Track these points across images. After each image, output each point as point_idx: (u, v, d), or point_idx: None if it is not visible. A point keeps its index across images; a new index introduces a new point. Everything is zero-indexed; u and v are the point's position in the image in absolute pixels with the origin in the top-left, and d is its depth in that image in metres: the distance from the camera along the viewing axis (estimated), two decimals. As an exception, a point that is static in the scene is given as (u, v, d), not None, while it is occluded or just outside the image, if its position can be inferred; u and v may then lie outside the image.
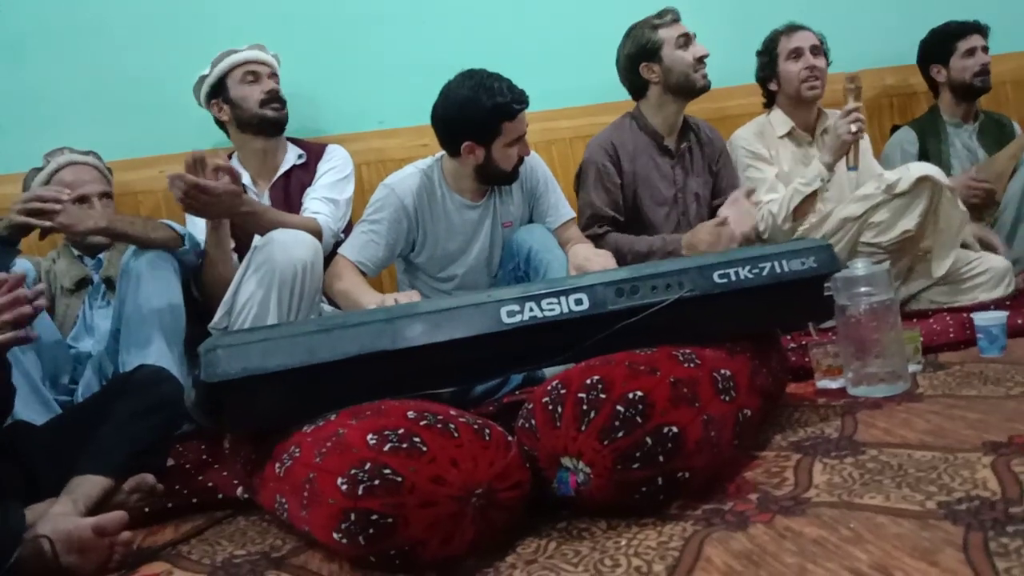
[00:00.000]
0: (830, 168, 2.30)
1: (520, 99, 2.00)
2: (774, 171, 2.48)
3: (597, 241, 2.26)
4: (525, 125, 2.05)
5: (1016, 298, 2.29)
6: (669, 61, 2.32)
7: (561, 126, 2.77)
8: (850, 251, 2.22)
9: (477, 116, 1.98)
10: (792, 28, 2.56)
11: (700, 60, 2.30)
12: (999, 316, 1.82)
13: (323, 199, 2.10)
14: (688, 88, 2.34)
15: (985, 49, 2.78)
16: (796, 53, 2.50)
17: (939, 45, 2.82)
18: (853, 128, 2.24)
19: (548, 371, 1.56)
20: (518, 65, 2.71)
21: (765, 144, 2.53)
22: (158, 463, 1.54)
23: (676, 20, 2.34)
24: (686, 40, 2.32)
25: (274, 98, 2.18)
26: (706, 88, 2.34)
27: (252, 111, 2.15)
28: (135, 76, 2.40)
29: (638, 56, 2.36)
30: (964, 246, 2.42)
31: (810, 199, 2.31)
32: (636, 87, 2.42)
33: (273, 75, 2.21)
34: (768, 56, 2.58)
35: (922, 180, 2.10)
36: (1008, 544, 0.90)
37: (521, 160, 2.08)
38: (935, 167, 2.17)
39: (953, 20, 2.84)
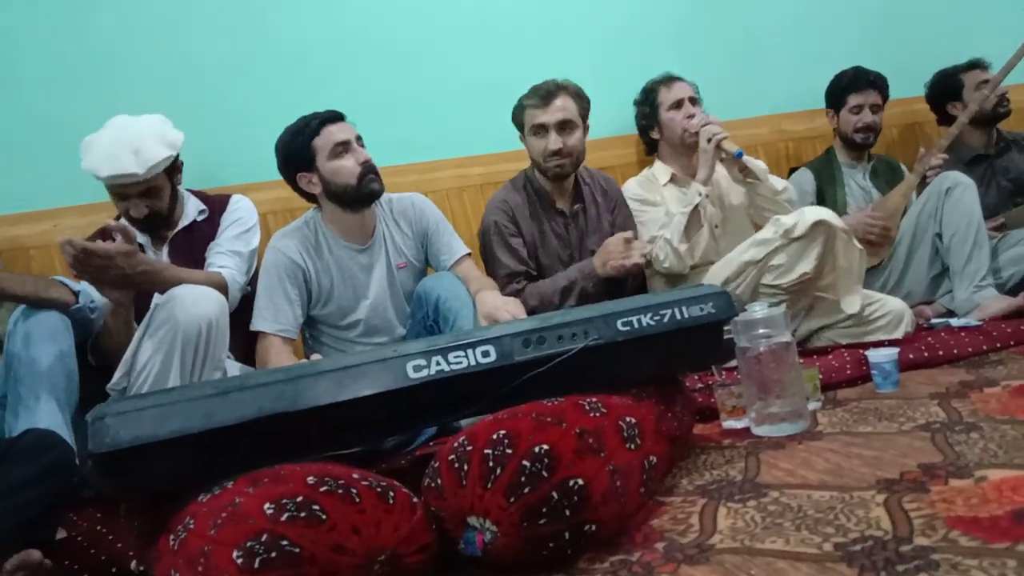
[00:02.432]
0: (705, 183, 2.42)
1: (320, 116, 2.08)
2: (662, 210, 2.56)
3: (518, 297, 2.26)
4: (343, 133, 2.08)
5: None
6: (527, 144, 2.43)
7: (472, 172, 2.80)
8: (752, 292, 2.30)
9: (290, 146, 2.09)
10: (670, 79, 2.69)
11: (552, 153, 2.34)
12: (891, 353, 1.90)
13: (227, 252, 2.06)
14: (543, 173, 2.41)
15: (875, 107, 2.90)
16: (677, 104, 2.62)
17: (835, 93, 2.96)
18: (709, 134, 2.41)
19: (464, 420, 1.55)
20: (429, 113, 2.77)
21: (650, 192, 2.62)
22: (46, 536, 1.45)
23: (541, 106, 2.35)
24: (540, 130, 2.35)
25: (151, 218, 2.05)
26: (560, 177, 2.40)
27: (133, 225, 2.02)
28: (25, 124, 2.29)
29: (518, 126, 2.45)
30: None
31: (696, 217, 2.41)
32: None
33: (141, 187, 1.99)
34: (649, 106, 2.70)
35: (817, 224, 2.17)
36: (897, 584, 0.93)
37: (368, 169, 2.08)
38: (828, 211, 2.25)
39: (861, 68, 2.93)
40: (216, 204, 2.19)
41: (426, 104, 2.76)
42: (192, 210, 2.16)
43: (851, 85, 2.92)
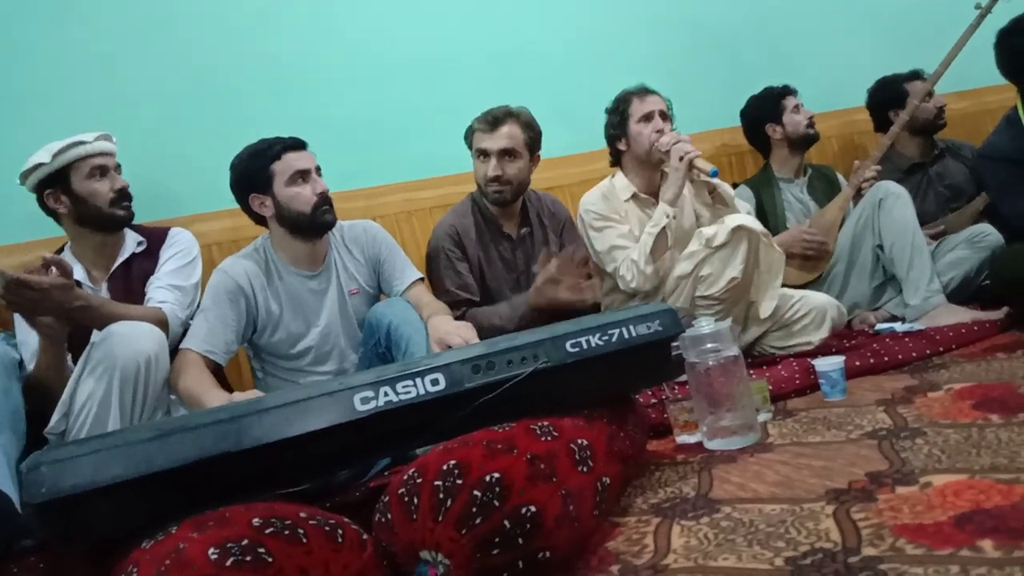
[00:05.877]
0: (673, 204, 2.41)
1: (283, 142, 2.08)
2: (626, 227, 2.54)
3: None
4: (304, 162, 2.08)
5: (852, 338, 2.46)
6: (474, 167, 2.42)
7: (421, 196, 2.79)
8: (689, 305, 2.33)
9: (247, 168, 2.08)
10: (644, 91, 2.62)
11: (490, 180, 2.34)
12: (837, 361, 1.93)
13: (168, 286, 2.01)
14: (485, 197, 2.41)
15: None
16: (647, 117, 2.55)
17: (769, 106, 3.05)
18: (680, 152, 2.39)
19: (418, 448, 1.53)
20: (377, 137, 2.76)
21: (611, 207, 2.57)
22: (-16, 590, 1.39)
23: (487, 131, 2.34)
24: (483, 155, 2.36)
25: (124, 196, 2.05)
26: (499, 203, 2.39)
27: (101, 209, 2.01)
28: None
29: (469, 147, 2.43)
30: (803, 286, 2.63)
31: (663, 239, 2.40)
32: None
33: (118, 168, 2.08)
34: (619, 116, 2.61)
35: (737, 230, 2.20)
36: (846, 597, 0.94)
37: (324, 200, 2.08)
38: (748, 216, 2.28)
39: (768, 86, 3.07)
40: (155, 237, 2.14)
41: (373, 128, 2.76)
42: (131, 243, 2.11)
43: (781, 92, 3.04)
